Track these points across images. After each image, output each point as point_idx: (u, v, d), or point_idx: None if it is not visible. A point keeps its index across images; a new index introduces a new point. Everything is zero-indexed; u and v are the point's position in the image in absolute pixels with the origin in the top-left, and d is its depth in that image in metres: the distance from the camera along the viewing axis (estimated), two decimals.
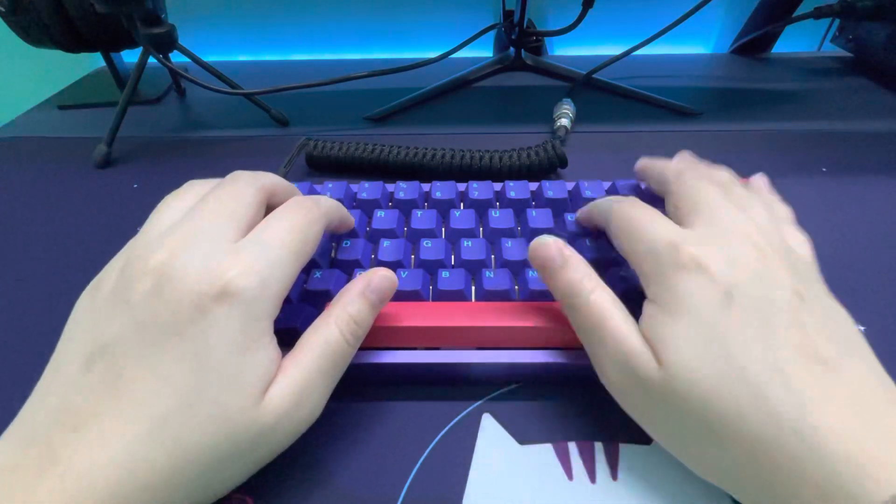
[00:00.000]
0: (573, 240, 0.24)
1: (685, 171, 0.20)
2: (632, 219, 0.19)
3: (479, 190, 0.27)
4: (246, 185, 0.19)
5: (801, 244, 0.19)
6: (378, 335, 0.20)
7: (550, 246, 0.19)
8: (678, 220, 0.19)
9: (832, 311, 0.16)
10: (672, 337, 0.15)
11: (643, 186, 0.25)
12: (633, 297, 0.18)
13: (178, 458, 0.14)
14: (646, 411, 0.17)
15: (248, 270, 0.16)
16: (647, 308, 0.17)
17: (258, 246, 0.17)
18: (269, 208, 0.19)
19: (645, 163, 0.24)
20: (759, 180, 0.23)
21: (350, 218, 0.23)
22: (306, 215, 0.19)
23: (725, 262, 0.16)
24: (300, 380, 0.16)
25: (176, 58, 0.40)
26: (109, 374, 0.15)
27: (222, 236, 0.16)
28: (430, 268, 0.23)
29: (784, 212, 0.21)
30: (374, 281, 0.19)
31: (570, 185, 0.28)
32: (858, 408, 0.14)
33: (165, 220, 0.18)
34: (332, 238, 0.25)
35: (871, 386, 0.14)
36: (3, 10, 0.37)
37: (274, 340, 0.17)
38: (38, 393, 0.16)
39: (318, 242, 0.19)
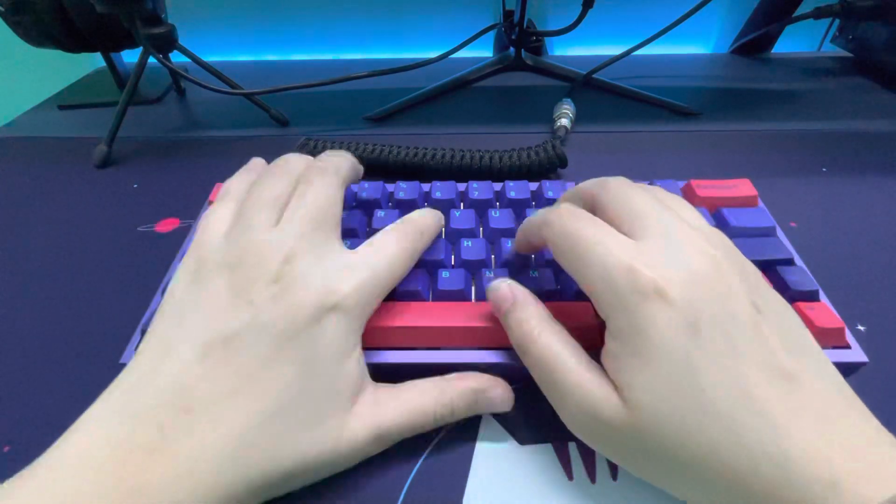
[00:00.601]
0: None
1: (608, 181, 0.19)
2: (575, 236, 0.17)
3: (479, 190, 0.27)
4: (335, 180, 0.21)
5: (723, 235, 0.18)
6: (378, 335, 0.20)
7: (501, 287, 0.19)
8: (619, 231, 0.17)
9: (783, 313, 0.16)
10: (640, 381, 0.15)
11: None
12: None
13: (275, 456, 0.15)
14: (616, 452, 0.16)
15: (358, 290, 0.18)
16: (610, 344, 0.16)
17: (368, 269, 0.18)
18: None
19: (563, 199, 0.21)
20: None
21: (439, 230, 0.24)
22: (414, 243, 0.21)
23: (685, 283, 0.15)
24: (385, 430, 0.18)
25: (176, 58, 0.40)
26: (226, 364, 0.16)
27: (331, 245, 0.19)
28: (430, 268, 0.23)
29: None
30: (492, 392, 0.19)
31: (570, 185, 0.28)
32: (824, 422, 0.14)
33: (264, 215, 0.19)
34: None
35: (830, 394, 0.14)
36: (3, 10, 0.37)
37: (362, 352, 0.18)
38: (142, 370, 0.16)
39: (414, 263, 0.21)
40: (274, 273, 0.17)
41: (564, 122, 0.38)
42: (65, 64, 0.50)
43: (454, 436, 0.20)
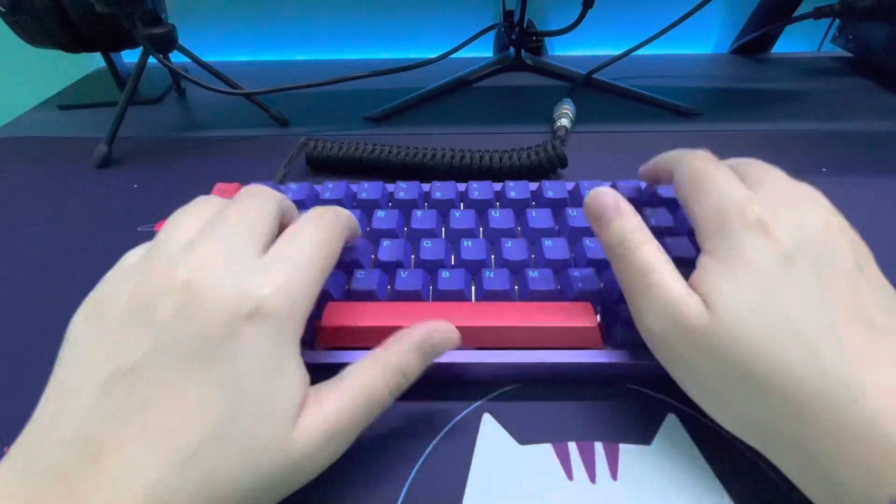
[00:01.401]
0: (574, 237, 0.24)
1: (742, 159, 0.21)
2: (702, 171, 0.19)
3: (479, 190, 0.27)
4: (266, 199, 0.18)
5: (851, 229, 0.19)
6: (378, 335, 0.20)
7: (607, 195, 0.20)
8: None
9: (887, 286, 0.17)
10: (726, 287, 0.16)
11: (643, 186, 0.25)
12: None
13: (210, 493, 0.13)
14: (685, 361, 0.17)
15: (278, 290, 0.15)
16: (703, 260, 0.17)
17: (286, 263, 0.16)
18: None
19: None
20: None
21: (359, 229, 0.22)
22: (330, 229, 0.18)
23: (792, 227, 0.16)
24: (335, 422, 0.15)
25: (176, 58, 0.40)
26: (132, 400, 0.13)
27: (248, 251, 0.16)
28: (430, 268, 0.23)
29: None
30: (435, 337, 0.18)
31: (570, 185, 0.28)
32: None
33: (181, 234, 0.17)
34: None
35: None
36: (3, 10, 0.37)
37: (301, 362, 0.16)
38: (43, 420, 0.14)
39: (338, 256, 0.19)
40: (178, 285, 0.14)
41: (564, 122, 0.38)
42: (65, 64, 0.50)
43: (454, 436, 0.20)
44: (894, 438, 0.13)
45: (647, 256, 0.18)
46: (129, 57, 0.45)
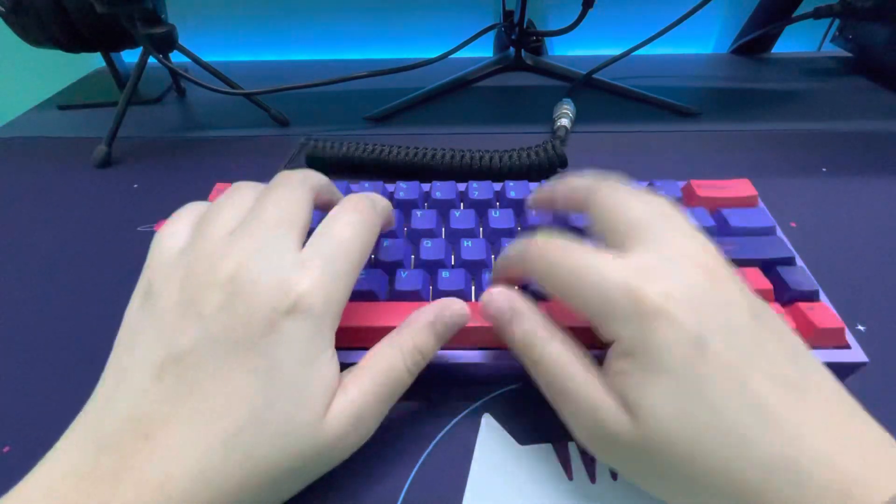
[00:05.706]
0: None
1: (601, 187, 0.19)
2: (563, 265, 0.17)
3: (479, 190, 0.27)
4: (300, 188, 0.19)
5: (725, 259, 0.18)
6: (378, 335, 0.20)
7: (500, 298, 0.19)
8: (611, 241, 0.18)
9: (773, 317, 0.16)
10: (649, 399, 0.15)
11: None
12: None
13: (249, 471, 0.14)
14: (625, 467, 0.16)
15: (316, 285, 0.16)
16: (618, 362, 0.16)
17: (322, 259, 0.17)
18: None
19: (542, 191, 0.22)
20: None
21: (393, 217, 0.22)
22: (366, 221, 0.19)
23: (685, 298, 0.15)
24: (360, 404, 0.16)
25: (176, 58, 0.40)
26: (181, 384, 0.15)
27: (287, 246, 0.17)
28: (430, 268, 0.23)
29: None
30: (445, 316, 0.18)
31: None
32: (831, 429, 0.14)
33: (221, 225, 0.18)
34: None
35: (834, 401, 0.14)
36: (3, 10, 0.37)
37: (335, 353, 0.17)
38: (102, 399, 0.16)
39: (374, 244, 0.19)
40: (223, 280, 0.16)
41: (564, 122, 0.38)
42: (65, 64, 0.50)
43: (454, 436, 0.20)
44: None
45: (555, 361, 0.17)
46: (129, 57, 0.45)
